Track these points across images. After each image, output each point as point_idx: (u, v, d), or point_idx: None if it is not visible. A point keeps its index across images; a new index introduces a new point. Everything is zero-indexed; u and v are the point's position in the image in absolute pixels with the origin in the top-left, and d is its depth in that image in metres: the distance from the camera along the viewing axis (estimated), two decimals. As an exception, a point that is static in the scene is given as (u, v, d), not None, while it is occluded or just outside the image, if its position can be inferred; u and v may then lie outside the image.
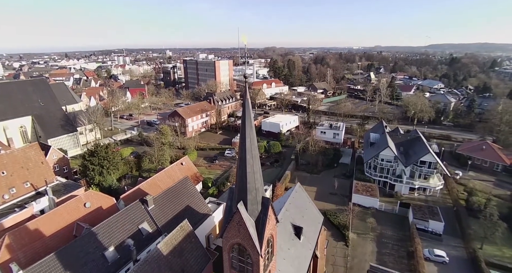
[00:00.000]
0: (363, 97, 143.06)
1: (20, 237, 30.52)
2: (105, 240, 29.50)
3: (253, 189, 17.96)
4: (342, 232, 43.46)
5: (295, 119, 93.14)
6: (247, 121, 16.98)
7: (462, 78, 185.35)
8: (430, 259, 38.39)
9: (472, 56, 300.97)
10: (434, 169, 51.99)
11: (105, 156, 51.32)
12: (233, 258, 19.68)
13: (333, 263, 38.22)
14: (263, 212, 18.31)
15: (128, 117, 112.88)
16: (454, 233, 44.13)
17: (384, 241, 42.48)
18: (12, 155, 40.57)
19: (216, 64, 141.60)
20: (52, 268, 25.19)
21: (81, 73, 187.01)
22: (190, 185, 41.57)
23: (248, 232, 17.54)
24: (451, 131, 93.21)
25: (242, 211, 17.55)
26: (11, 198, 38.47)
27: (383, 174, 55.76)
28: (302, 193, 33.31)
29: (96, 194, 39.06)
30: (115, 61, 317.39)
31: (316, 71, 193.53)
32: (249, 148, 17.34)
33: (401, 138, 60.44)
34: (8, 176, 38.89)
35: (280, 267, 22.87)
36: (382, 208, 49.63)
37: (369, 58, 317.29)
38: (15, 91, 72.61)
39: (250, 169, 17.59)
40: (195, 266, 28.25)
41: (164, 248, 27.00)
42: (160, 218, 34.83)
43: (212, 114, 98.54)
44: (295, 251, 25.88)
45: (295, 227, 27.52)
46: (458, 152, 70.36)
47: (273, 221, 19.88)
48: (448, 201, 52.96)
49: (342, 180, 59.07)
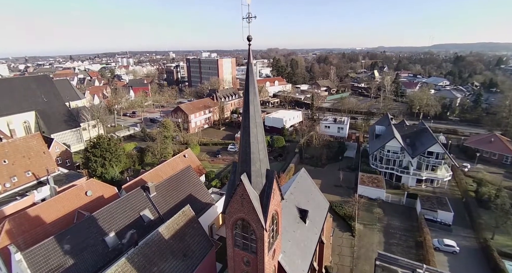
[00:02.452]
0: (367, 94, 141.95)
1: (20, 223, 30.07)
2: (105, 225, 28.93)
3: (257, 160, 17.20)
4: (348, 222, 42.40)
5: (298, 114, 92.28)
6: (250, 87, 16.28)
7: (467, 76, 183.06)
8: (440, 249, 37.15)
9: (477, 55, 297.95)
10: (442, 159, 50.70)
11: (108, 148, 50.94)
12: (237, 235, 18.90)
13: (339, 253, 37.17)
14: (268, 185, 17.53)
15: (131, 115, 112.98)
16: (463, 223, 42.84)
17: (391, 231, 41.34)
18: (14, 144, 40.32)
19: (219, 62, 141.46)
20: (51, 252, 24.66)
21: (85, 74, 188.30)
22: (193, 174, 40.95)
23: (252, 205, 16.77)
24: (458, 126, 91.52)
25: (245, 182, 16.79)
26: (13, 187, 38.14)
27: (389, 165, 54.58)
28: (307, 179, 32.47)
29: (97, 183, 38.59)
30: (119, 62, 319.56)
31: (319, 69, 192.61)
32: (253, 115, 16.63)
33: (408, 130, 59.26)
34: (9, 165, 38.61)
35: (285, 248, 22.03)
36: (389, 199, 48.47)
37: (372, 57, 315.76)
38: (19, 87, 72.84)
39: (254, 138, 16.86)
40: (197, 252, 27.50)
41: (166, 232, 26.33)
42: (162, 206, 34.19)
43: (215, 111, 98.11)
44: (301, 234, 25.02)
45: (300, 211, 26.66)
46: (465, 145, 68.89)
47: (278, 196, 19.11)
48: (457, 193, 51.60)
49: (347, 172, 57.98)
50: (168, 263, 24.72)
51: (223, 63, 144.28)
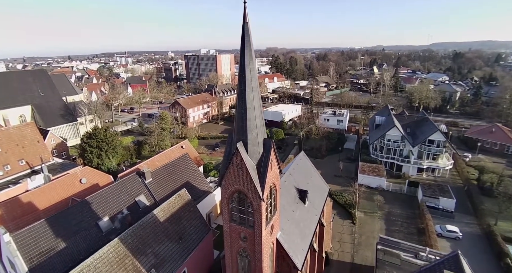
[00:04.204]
0: (367, 90, 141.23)
1: (12, 209, 29.33)
2: (99, 210, 28.13)
3: (254, 128, 16.44)
4: (348, 210, 41.68)
5: (297, 108, 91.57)
6: (246, 49, 15.51)
7: (466, 71, 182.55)
8: (442, 235, 36.45)
9: (476, 51, 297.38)
10: (443, 148, 50.02)
11: (104, 138, 50.11)
12: (233, 209, 18.15)
13: (339, 240, 36.43)
14: (265, 155, 16.78)
15: (129, 111, 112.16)
16: (466, 210, 42.16)
17: (392, 219, 40.62)
18: (7, 132, 39.50)
19: (218, 58, 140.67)
20: (41, 234, 23.86)
21: (83, 72, 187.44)
22: (190, 162, 40.17)
23: (249, 174, 16.04)
24: (458, 118, 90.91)
25: (241, 151, 16.05)
26: (6, 175, 37.33)
27: (390, 155, 53.86)
28: (307, 162, 31.74)
29: (92, 171, 37.84)
30: (118, 62, 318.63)
31: (319, 66, 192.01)
32: (249, 80, 15.87)
33: (408, 120, 58.55)
34: (2, 153, 37.78)
35: (284, 227, 21.29)
36: (390, 188, 47.74)
37: (371, 54, 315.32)
38: (15, 81, 71.98)
39: (250, 104, 16.10)
40: (193, 235, 26.72)
41: (161, 214, 25.57)
42: (158, 192, 33.40)
43: (214, 106, 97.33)
44: (300, 214, 24.27)
45: (299, 191, 25.92)
46: (466, 135, 68.25)
47: (276, 168, 18.37)
48: (458, 181, 50.91)
49: (347, 163, 57.23)
50: (163, 245, 23.94)
51: (221, 59, 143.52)
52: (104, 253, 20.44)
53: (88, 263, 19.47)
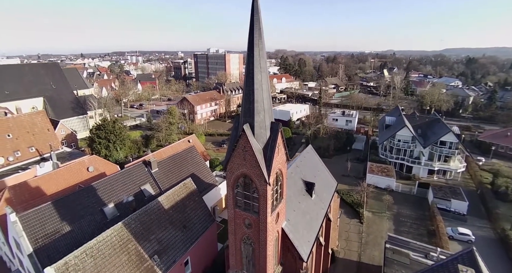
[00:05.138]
0: (376, 92, 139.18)
1: (20, 192, 29.53)
2: (105, 196, 28.12)
3: (261, 110, 16.03)
4: (355, 209, 40.73)
5: (305, 108, 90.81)
6: (255, 27, 15.12)
7: (480, 77, 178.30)
8: (454, 238, 35.20)
9: (490, 57, 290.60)
10: (455, 149, 48.58)
11: (112, 130, 50.52)
12: (238, 195, 17.74)
13: (346, 238, 35.56)
14: (272, 138, 16.34)
15: (138, 107, 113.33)
16: (479, 214, 40.67)
17: (401, 219, 39.49)
18: (18, 119, 40.16)
19: (227, 57, 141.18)
20: (47, 217, 23.90)
21: (95, 69, 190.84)
22: (196, 154, 40.01)
23: (255, 157, 15.62)
24: (471, 123, 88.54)
25: (248, 134, 15.65)
26: (16, 161, 37.87)
27: (400, 155, 52.62)
28: (314, 156, 31.12)
29: (100, 159, 38.03)
30: (128, 60, 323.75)
31: (328, 68, 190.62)
32: (258, 60, 15.48)
33: (419, 121, 57.15)
34: (13, 139, 38.39)
35: (289, 217, 20.75)
36: (399, 189, 46.54)
37: (382, 57, 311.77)
38: (28, 73, 73.60)
39: (258, 85, 15.71)
40: (198, 225, 26.40)
41: (165, 201, 25.36)
42: (163, 182, 33.28)
43: (221, 103, 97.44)
44: (306, 206, 23.68)
45: (306, 183, 25.34)
46: (479, 139, 66.28)
47: (282, 154, 17.92)
48: (471, 185, 49.29)
49: (355, 163, 56.16)
50: (167, 232, 23.68)
51: (230, 58, 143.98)
52: (108, 236, 20.28)
53: (91, 244, 19.34)
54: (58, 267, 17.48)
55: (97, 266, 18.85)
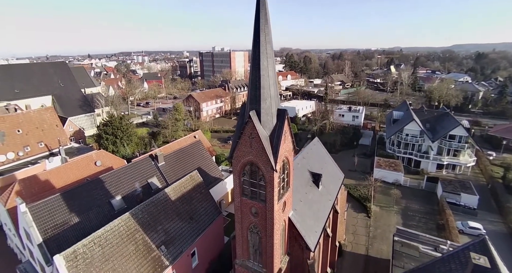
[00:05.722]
0: (383, 89, 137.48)
1: (30, 185, 30.02)
2: (112, 189, 28.39)
3: (268, 97, 15.86)
4: (363, 204, 40.30)
5: (311, 104, 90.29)
6: (261, 11, 14.88)
7: (490, 72, 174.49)
8: (464, 232, 34.54)
9: (501, 52, 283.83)
10: (465, 143, 47.65)
11: (119, 126, 51.03)
12: (244, 183, 17.62)
13: (353, 232, 35.21)
14: (279, 125, 16.18)
15: (144, 105, 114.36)
16: (489, 208, 39.87)
17: (410, 214, 38.92)
18: (28, 115, 40.87)
19: (232, 55, 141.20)
20: (56, 208, 24.25)
21: (102, 69, 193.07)
22: (202, 149, 40.13)
23: (262, 144, 15.48)
24: (480, 118, 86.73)
25: (255, 120, 15.51)
26: (25, 156, 38.55)
27: (408, 150, 51.86)
28: (321, 148, 30.84)
29: (107, 154, 38.43)
30: (135, 60, 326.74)
31: (334, 65, 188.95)
32: (264, 45, 15.28)
33: (427, 115, 56.21)
34: (23, 135, 39.07)
35: (296, 207, 20.58)
36: (407, 183, 45.88)
37: (389, 54, 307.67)
38: (37, 72, 74.89)
39: (265, 71, 15.53)
40: (204, 216, 26.43)
41: (172, 193, 25.45)
42: (170, 175, 33.45)
43: (227, 101, 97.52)
44: (313, 197, 23.47)
45: (313, 174, 25.10)
46: (490, 134, 64.89)
47: (289, 142, 17.78)
48: (481, 179, 48.31)
49: (362, 159, 55.58)
50: (174, 223, 23.77)
51: (235, 56, 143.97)
52: (115, 226, 20.45)
53: (99, 234, 19.51)
54: (67, 255, 17.68)
55: (105, 255, 19.01)
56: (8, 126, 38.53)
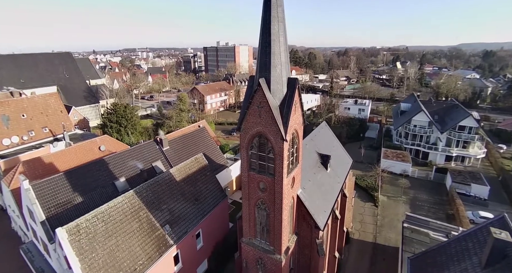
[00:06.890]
0: (389, 85, 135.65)
1: (34, 167, 29.69)
2: (116, 170, 28.02)
3: (278, 64, 15.19)
4: (370, 193, 39.54)
5: (316, 98, 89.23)
6: (273, -28, 14.23)
7: (498, 69, 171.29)
8: (475, 222, 33.54)
9: (509, 50, 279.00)
10: (475, 134, 46.52)
11: (123, 114, 50.71)
12: (252, 156, 17.00)
13: (361, 220, 34.51)
14: (289, 94, 15.50)
15: (149, 98, 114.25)
16: (500, 200, 38.89)
17: (418, 204, 38.10)
18: (32, 100, 40.67)
19: (236, 49, 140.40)
20: (60, 187, 23.89)
21: (107, 63, 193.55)
22: (207, 135, 39.64)
23: (271, 113, 14.84)
24: (489, 113, 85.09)
25: (264, 88, 14.85)
26: (30, 140, 38.40)
27: (416, 141, 50.83)
28: (329, 132, 30.20)
29: (111, 139, 38.06)
30: (139, 56, 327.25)
31: (339, 62, 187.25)
32: (275, 9, 14.57)
33: (436, 107, 55.02)
34: (27, 119, 38.89)
35: (305, 185, 19.93)
36: (415, 174, 44.98)
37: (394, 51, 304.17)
38: (43, 62, 74.97)
39: (275, 36, 14.84)
40: (209, 199, 25.92)
41: (177, 173, 24.95)
42: (174, 159, 32.98)
43: (231, 94, 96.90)
44: (322, 178, 22.82)
45: (321, 156, 24.44)
46: (499, 128, 63.54)
47: (299, 114, 17.09)
48: (491, 172, 47.23)
49: (368, 151, 54.61)
50: (179, 203, 23.28)
51: (240, 50, 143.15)
52: (119, 202, 19.99)
53: (103, 209, 19.06)
54: (69, 229, 17.26)
55: (108, 231, 18.56)
56: (13, 110, 38.37)
